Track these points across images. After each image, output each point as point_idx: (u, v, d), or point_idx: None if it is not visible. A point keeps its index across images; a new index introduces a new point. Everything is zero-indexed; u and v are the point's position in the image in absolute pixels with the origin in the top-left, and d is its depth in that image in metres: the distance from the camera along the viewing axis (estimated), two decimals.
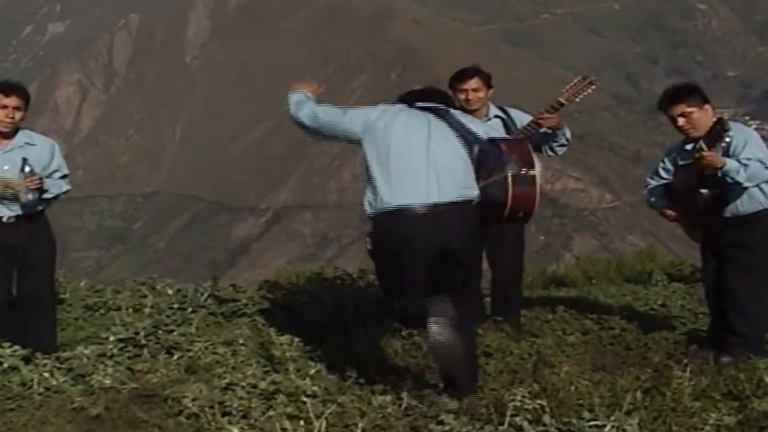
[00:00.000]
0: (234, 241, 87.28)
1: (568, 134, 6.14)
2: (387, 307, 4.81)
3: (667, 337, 5.90)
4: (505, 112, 6.20)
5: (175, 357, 5.29)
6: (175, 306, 6.70)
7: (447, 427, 3.99)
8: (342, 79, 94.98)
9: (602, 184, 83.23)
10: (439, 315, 4.40)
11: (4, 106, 5.45)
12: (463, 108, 6.10)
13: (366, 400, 4.40)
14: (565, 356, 5.38)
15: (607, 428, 3.85)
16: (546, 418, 3.94)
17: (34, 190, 5.39)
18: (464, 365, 4.47)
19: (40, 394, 4.70)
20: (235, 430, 4.05)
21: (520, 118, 6.16)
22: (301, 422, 4.10)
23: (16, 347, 5.10)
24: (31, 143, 5.56)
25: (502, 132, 6.10)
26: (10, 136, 5.53)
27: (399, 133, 4.58)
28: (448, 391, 4.48)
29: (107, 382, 4.81)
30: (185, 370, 5.11)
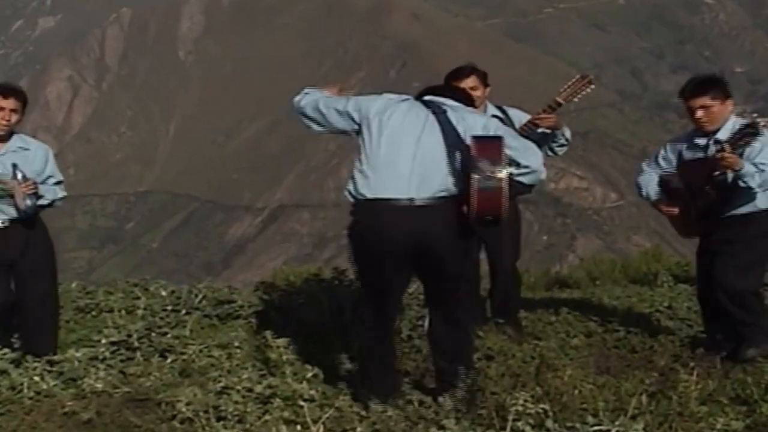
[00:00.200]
0: (229, 241, 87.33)
1: (568, 134, 6.14)
2: (363, 301, 4.86)
3: (673, 339, 5.90)
4: (503, 112, 6.18)
5: (169, 360, 5.30)
6: (169, 308, 6.71)
7: None
8: (339, 76, 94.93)
9: (606, 183, 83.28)
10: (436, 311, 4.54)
11: (1, 108, 5.41)
12: None
13: (364, 404, 4.41)
14: (568, 359, 5.38)
15: None
16: (549, 423, 3.94)
17: (32, 195, 5.38)
18: (458, 364, 4.51)
19: (30, 399, 4.70)
20: None
21: (518, 117, 6.14)
22: (298, 427, 4.11)
23: (6, 350, 5.10)
24: (24, 147, 5.53)
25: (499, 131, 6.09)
26: (4, 139, 5.50)
27: (394, 124, 4.58)
28: (445, 390, 4.49)
29: (99, 385, 4.81)
30: (179, 373, 5.11)
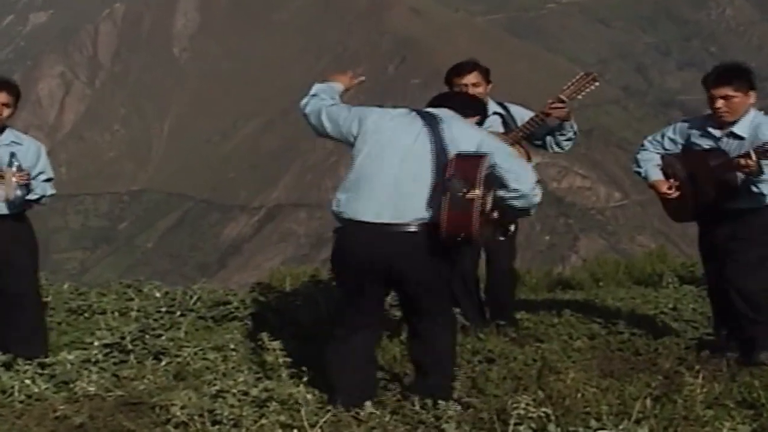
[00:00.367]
0: (225, 241, 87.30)
1: (576, 127, 6.14)
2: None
3: (679, 342, 5.91)
4: (505, 108, 6.19)
5: (163, 363, 5.30)
6: (163, 309, 6.71)
7: None
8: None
9: (610, 182, 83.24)
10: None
11: None
12: None
13: (362, 408, 4.40)
14: (571, 362, 5.39)
15: None
16: (551, 427, 3.95)
17: (22, 186, 5.38)
18: (434, 376, 4.50)
19: (21, 402, 4.70)
20: None
21: (520, 114, 6.15)
22: (295, 431, 4.11)
23: None
24: (17, 142, 5.53)
25: (500, 129, 6.12)
26: None
27: (383, 140, 4.51)
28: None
29: (92, 389, 4.82)
30: (174, 376, 5.12)
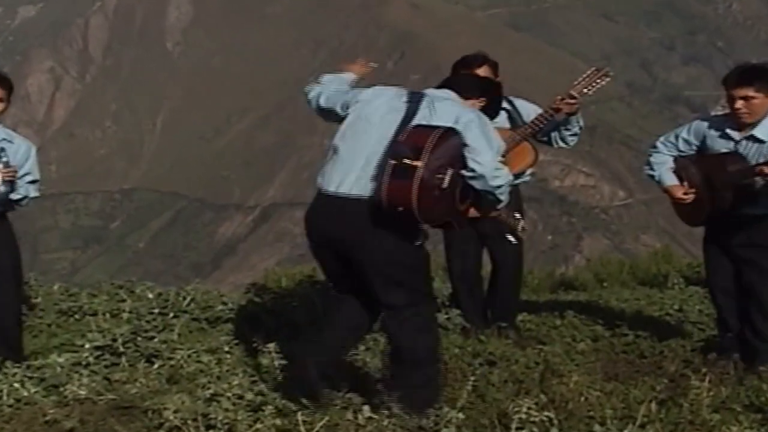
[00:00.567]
0: (219, 241, 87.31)
1: (582, 122, 6.16)
2: None
3: (684, 344, 5.91)
4: (510, 103, 6.21)
5: (156, 366, 5.30)
6: (156, 311, 6.70)
7: None
8: (333, 68, 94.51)
9: (614, 180, 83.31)
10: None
11: None
12: None
13: (361, 412, 4.40)
14: (574, 365, 5.39)
15: None
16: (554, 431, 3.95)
17: (7, 183, 5.36)
18: (405, 366, 4.43)
19: (10, 406, 4.69)
20: None
21: (525, 108, 6.18)
22: None
23: None
24: (8, 140, 5.48)
25: (506, 125, 6.12)
26: None
27: (368, 114, 4.57)
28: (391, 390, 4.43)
29: (82, 392, 4.81)
30: (166, 379, 5.11)
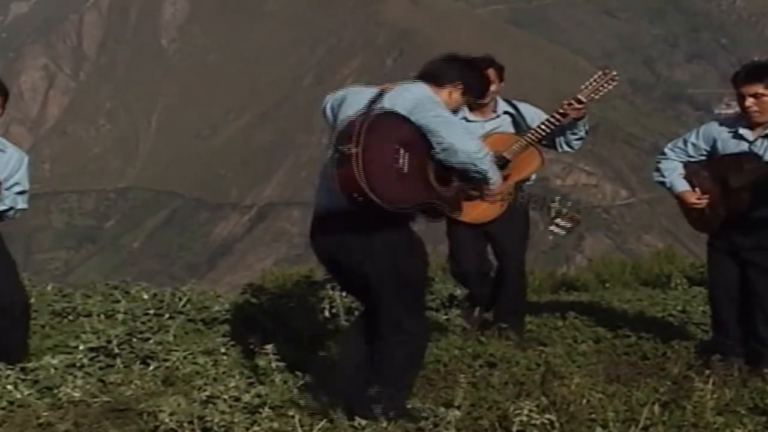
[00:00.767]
0: (215, 241, 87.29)
1: (587, 126, 6.16)
2: None
3: (687, 345, 5.91)
4: (514, 107, 6.23)
5: (151, 367, 5.30)
6: (151, 312, 6.71)
7: None
8: (332, 65, 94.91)
9: (616, 179, 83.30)
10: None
11: None
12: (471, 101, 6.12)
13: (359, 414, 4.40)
14: (576, 366, 5.40)
15: None
16: None
17: None
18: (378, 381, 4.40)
19: (3, 409, 4.69)
20: None
21: (529, 112, 6.19)
22: None
23: None
24: (1, 150, 5.45)
25: (510, 129, 6.14)
26: None
27: (337, 120, 4.52)
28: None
29: (77, 395, 4.81)
30: (162, 381, 5.11)
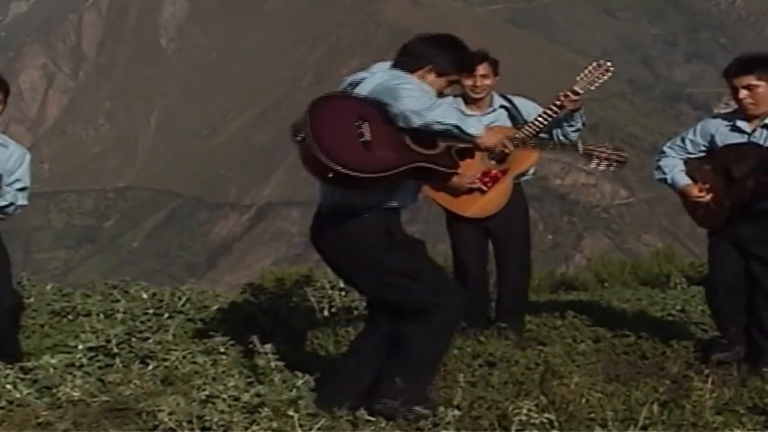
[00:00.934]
0: (214, 240, 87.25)
1: (584, 117, 6.16)
2: None
3: (687, 345, 5.90)
4: (510, 101, 6.24)
5: (150, 367, 5.30)
6: (150, 311, 6.71)
7: None
8: (331, 65, 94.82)
9: (615, 179, 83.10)
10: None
11: None
12: (467, 96, 6.14)
13: (358, 414, 4.40)
14: (575, 366, 5.39)
15: None
16: None
17: None
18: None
19: (2, 408, 4.69)
20: None
21: (525, 106, 6.20)
22: None
23: None
24: (4, 145, 5.44)
25: (507, 123, 6.14)
26: None
27: None
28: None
29: (76, 394, 4.81)
30: (161, 381, 5.11)
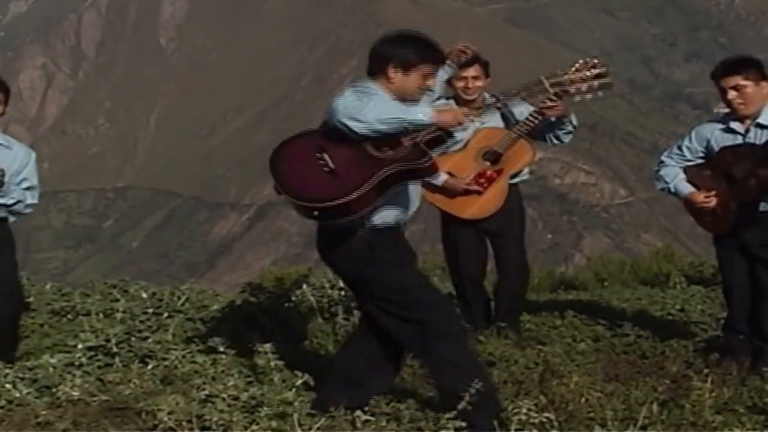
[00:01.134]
0: (214, 240, 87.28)
1: (575, 120, 6.18)
2: None
3: (686, 344, 5.91)
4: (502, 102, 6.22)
5: (150, 366, 5.30)
6: (150, 311, 6.71)
7: None
8: (331, 65, 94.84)
9: (615, 178, 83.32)
10: None
11: None
12: (459, 97, 6.12)
13: (357, 414, 4.40)
14: (574, 365, 5.39)
15: None
16: None
17: None
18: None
19: (2, 407, 4.69)
20: None
21: (518, 108, 6.20)
22: None
23: None
24: (6, 146, 5.44)
25: (500, 124, 6.15)
26: None
27: None
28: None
29: (75, 394, 4.81)
30: (161, 380, 5.11)
